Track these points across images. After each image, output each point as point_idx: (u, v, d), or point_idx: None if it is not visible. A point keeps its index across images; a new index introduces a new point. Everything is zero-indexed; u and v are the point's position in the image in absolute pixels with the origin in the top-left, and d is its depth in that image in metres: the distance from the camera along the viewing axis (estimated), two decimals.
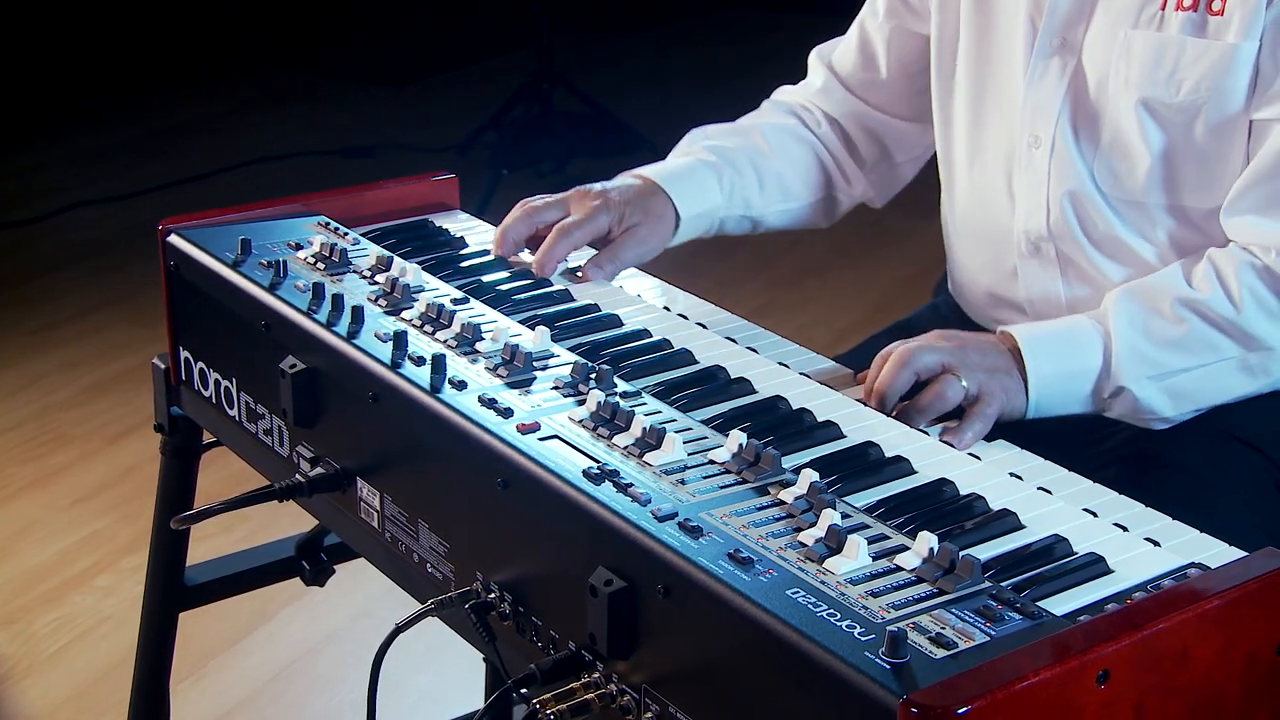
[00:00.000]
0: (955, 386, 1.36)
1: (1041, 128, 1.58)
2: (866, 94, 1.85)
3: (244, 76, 5.98)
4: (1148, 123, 1.50)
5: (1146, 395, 1.43)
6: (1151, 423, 1.47)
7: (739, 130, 1.83)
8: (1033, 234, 1.62)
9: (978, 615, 0.99)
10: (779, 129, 1.83)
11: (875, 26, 1.81)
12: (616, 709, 1.12)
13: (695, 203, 1.72)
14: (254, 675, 2.50)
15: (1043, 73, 1.57)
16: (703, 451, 1.21)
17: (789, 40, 1.91)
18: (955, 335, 1.44)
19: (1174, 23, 1.47)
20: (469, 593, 1.26)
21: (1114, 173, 1.54)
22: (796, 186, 1.83)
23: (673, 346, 1.46)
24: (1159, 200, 1.52)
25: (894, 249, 4.22)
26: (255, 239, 1.60)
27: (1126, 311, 1.45)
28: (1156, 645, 0.94)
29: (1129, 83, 1.50)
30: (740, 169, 1.77)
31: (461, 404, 1.27)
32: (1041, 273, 1.63)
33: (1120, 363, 1.42)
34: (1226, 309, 1.43)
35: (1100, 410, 1.46)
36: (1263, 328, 1.43)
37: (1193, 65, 1.46)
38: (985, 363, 1.40)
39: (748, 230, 1.83)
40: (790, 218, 1.85)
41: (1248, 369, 1.45)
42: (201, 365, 1.64)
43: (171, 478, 1.77)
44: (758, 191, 1.79)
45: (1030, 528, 1.15)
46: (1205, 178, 1.50)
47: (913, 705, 0.88)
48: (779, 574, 1.03)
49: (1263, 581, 0.99)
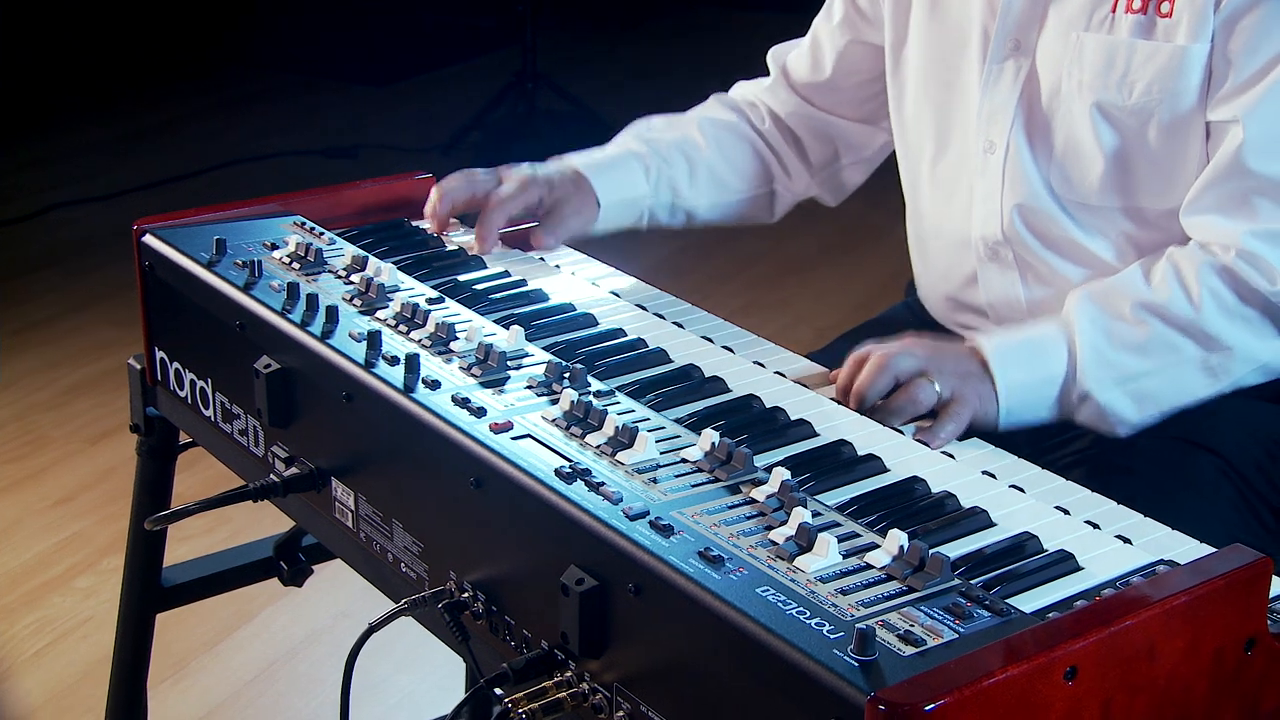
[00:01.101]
0: (928, 390, 1.37)
1: (996, 133, 1.58)
2: (813, 96, 1.87)
3: (226, 76, 5.97)
4: (1101, 126, 1.50)
5: (1111, 399, 1.44)
6: (1116, 428, 1.47)
7: (676, 123, 1.86)
8: (990, 239, 1.62)
9: (947, 613, 0.99)
10: (716, 123, 1.86)
11: (827, 32, 1.83)
12: (589, 708, 1.12)
13: (617, 190, 1.76)
14: (235, 676, 2.49)
15: (997, 77, 1.58)
16: (675, 450, 1.21)
17: (774, 39, 1.91)
18: (929, 341, 1.44)
19: (1124, 25, 1.48)
20: (442, 592, 1.26)
21: (1068, 177, 1.55)
22: (731, 179, 1.85)
23: (647, 346, 1.46)
24: (1115, 203, 1.53)
25: (875, 248, 4.22)
26: (230, 239, 1.60)
27: (1089, 316, 1.45)
28: (1124, 642, 0.95)
29: (1082, 86, 1.50)
30: (670, 160, 1.80)
31: (435, 403, 1.27)
32: (1001, 277, 1.64)
33: (1085, 368, 1.43)
34: (1186, 310, 1.43)
35: (1067, 416, 1.46)
36: (1222, 327, 1.43)
37: (1143, 67, 1.46)
38: (959, 368, 1.41)
39: (683, 222, 1.86)
40: (727, 210, 1.87)
41: (1209, 370, 1.45)
42: (177, 365, 1.63)
43: (148, 478, 1.77)
44: (687, 182, 1.81)
45: (1001, 525, 1.16)
46: (1160, 179, 1.50)
47: (880, 702, 0.88)
48: (749, 572, 1.03)
49: (1230, 578, 0.99)
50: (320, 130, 5.27)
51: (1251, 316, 1.44)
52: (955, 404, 1.37)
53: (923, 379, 1.37)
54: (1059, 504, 1.21)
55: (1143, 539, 1.16)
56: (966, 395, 1.38)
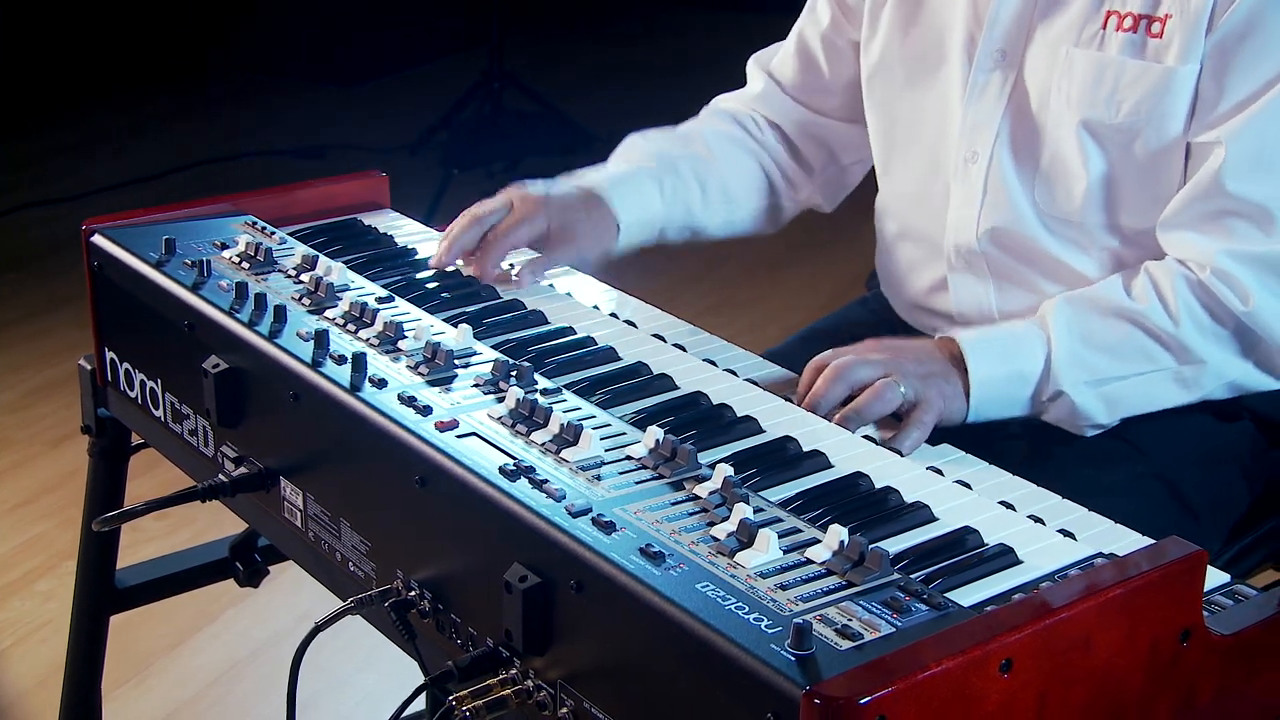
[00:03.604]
0: (893, 390, 1.36)
1: (980, 143, 1.57)
2: (808, 99, 1.83)
3: (194, 77, 5.94)
4: (1088, 143, 1.49)
5: (1084, 400, 1.44)
6: (1085, 429, 1.47)
7: (681, 137, 1.80)
8: (963, 248, 1.61)
9: (885, 607, 0.99)
10: (721, 136, 1.81)
11: (815, 33, 1.79)
12: (533, 705, 1.12)
13: (636, 210, 1.70)
14: (196, 678, 2.48)
15: (983, 88, 1.56)
16: (620, 448, 1.21)
17: (738, 39, 1.90)
18: (891, 344, 1.44)
19: (1114, 43, 1.46)
20: (389, 590, 1.26)
21: (1051, 192, 1.53)
22: (740, 194, 1.81)
23: (596, 344, 1.46)
24: (1097, 220, 1.52)
25: (845, 247, 4.22)
26: (180, 239, 1.59)
27: (1066, 318, 1.45)
28: (1059, 634, 0.95)
29: (1070, 101, 1.49)
30: (683, 176, 1.74)
31: (381, 402, 1.27)
32: (973, 286, 1.63)
33: (1060, 367, 1.43)
34: (1165, 322, 1.43)
35: (1037, 414, 1.46)
36: (1197, 342, 1.43)
37: (1131, 86, 1.45)
38: (922, 370, 1.40)
39: (687, 239, 1.80)
40: (734, 227, 1.83)
41: (1181, 381, 1.46)
42: (127, 366, 1.62)
43: (100, 479, 1.76)
44: (700, 200, 1.76)
45: (943, 520, 1.16)
46: (1144, 198, 1.49)
47: (816, 696, 0.89)
48: (689, 568, 1.03)
49: (1165, 570, 1.00)
50: (288, 131, 5.25)
51: (1223, 335, 1.44)
52: (919, 409, 1.37)
53: (888, 379, 1.37)
54: (1004, 499, 1.22)
55: (1086, 533, 1.17)
56: (930, 397, 1.38)
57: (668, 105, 2.14)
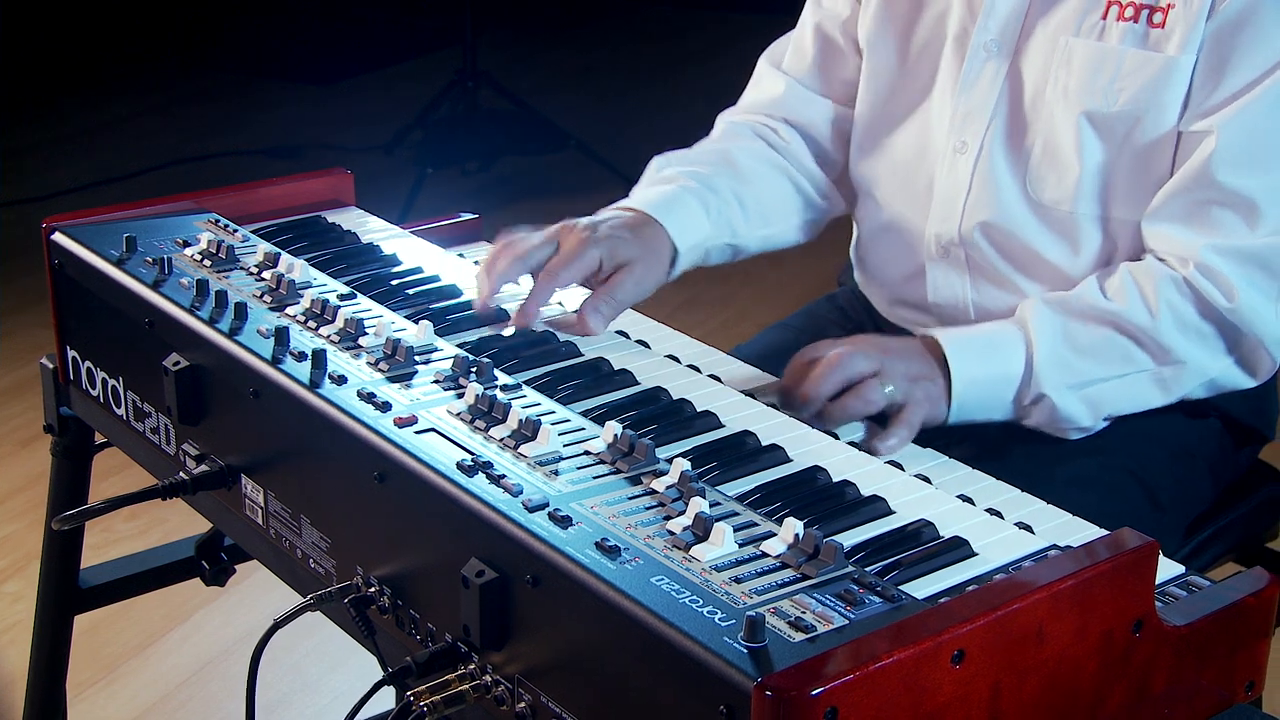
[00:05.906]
0: (879, 391, 1.36)
1: (970, 134, 1.56)
2: (836, 92, 1.76)
3: (167, 75, 5.92)
4: (1085, 132, 1.48)
5: (1066, 403, 1.44)
6: (1068, 432, 1.47)
7: (712, 157, 1.72)
8: (944, 238, 1.60)
9: (838, 599, 1.00)
10: (748, 153, 1.73)
11: (835, 25, 1.73)
12: (491, 700, 1.12)
13: (689, 233, 1.61)
14: (166, 678, 2.47)
15: (976, 77, 1.55)
16: (579, 443, 1.21)
17: (712, 38, 1.89)
18: (879, 342, 1.43)
19: (1115, 33, 1.46)
20: (349, 587, 1.26)
21: (1043, 182, 1.52)
22: (776, 211, 1.74)
23: (558, 340, 1.46)
24: (1088, 210, 1.51)
25: (820, 244, 4.21)
26: (142, 237, 1.58)
27: (1047, 320, 1.44)
28: (1012, 625, 0.95)
29: (1068, 91, 1.48)
30: (723, 195, 1.67)
31: (340, 398, 1.27)
32: (951, 277, 1.62)
33: (1042, 369, 1.42)
34: (1144, 318, 1.43)
35: (1019, 418, 1.46)
36: (1176, 341, 1.43)
37: (1132, 76, 1.45)
38: (909, 370, 1.39)
39: (728, 259, 1.73)
40: (771, 242, 1.76)
41: (1161, 382, 1.45)
42: (89, 364, 1.62)
43: (63, 478, 1.75)
44: (741, 219, 1.69)
45: (900, 513, 1.16)
46: (1136, 189, 1.48)
47: (767, 688, 0.89)
48: (645, 562, 1.03)
49: (1117, 561, 1.00)
50: (262, 130, 5.24)
51: (1207, 332, 1.44)
52: (906, 410, 1.36)
53: (874, 380, 1.36)
54: (963, 492, 1.22)
55: (1044, 526, 1.18)
56: (917, 399, 1.37)
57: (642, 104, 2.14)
